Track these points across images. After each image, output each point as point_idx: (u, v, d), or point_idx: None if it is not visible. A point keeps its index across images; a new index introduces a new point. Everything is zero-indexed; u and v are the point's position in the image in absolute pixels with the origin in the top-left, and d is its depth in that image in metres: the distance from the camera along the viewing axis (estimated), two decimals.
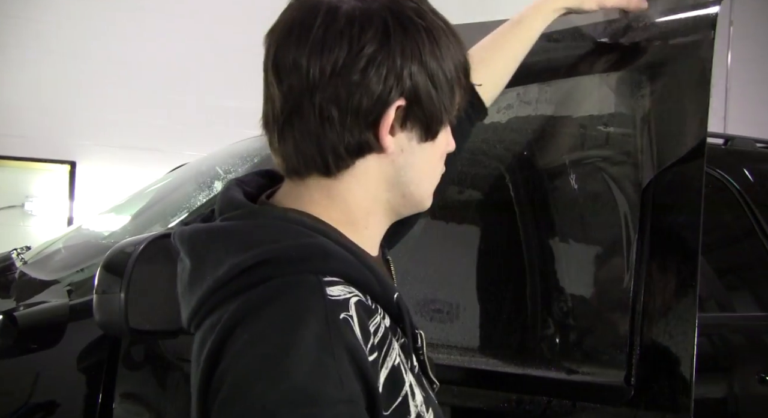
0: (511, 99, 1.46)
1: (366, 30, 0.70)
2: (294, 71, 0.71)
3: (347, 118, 0.71)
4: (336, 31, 0.70)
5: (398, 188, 0.78)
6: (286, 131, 0.73)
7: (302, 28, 0.71)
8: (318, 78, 0.70)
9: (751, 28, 6.79)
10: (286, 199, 0.78)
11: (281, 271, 0.68)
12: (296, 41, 0.71)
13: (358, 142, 0.72)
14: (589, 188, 1.39)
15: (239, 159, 2.18)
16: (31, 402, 1.52)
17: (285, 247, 0.69)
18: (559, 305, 1.44)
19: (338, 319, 0.65)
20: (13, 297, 2.02)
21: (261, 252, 0.68)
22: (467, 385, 1.25)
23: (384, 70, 0.70)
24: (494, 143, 1.56)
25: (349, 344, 0.65)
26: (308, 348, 0.62)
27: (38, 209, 5.23)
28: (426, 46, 0.73)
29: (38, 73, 5.16)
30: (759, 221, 1.79)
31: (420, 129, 0.75)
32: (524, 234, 1.53)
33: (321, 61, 0.70)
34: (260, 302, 0.66)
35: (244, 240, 0.70)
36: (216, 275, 0.69)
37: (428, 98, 0.74)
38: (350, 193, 0.76)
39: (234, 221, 0.73)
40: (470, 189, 1.65)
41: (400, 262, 1.43)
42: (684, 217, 1.10)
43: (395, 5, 0.72)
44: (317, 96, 0.70)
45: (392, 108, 0.72)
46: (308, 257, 0.69)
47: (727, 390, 1.64)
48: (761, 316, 1.77)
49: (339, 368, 0.63)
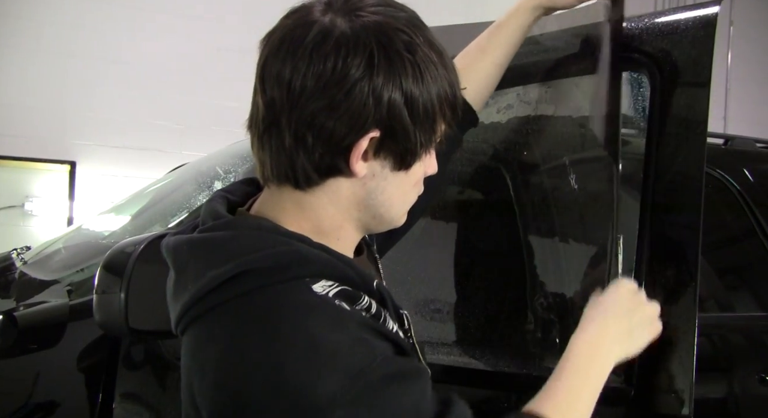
0: (511, 99, 1.46)
1: (352, 56, 0.70)
2: (277, 84, 0.72)
3: (319, 143, 0.72)
4: (324, 52, 0.70)
5: (369, 210, 0.79)
6: (265, 140, 0.75)
7: (292, 43, 0.72)
8: (298, 95, 0.71)
9: (751, 28, 6.79)
10: (263, 208, 0.80)
11: (264, 280, 0.70)
12: (284, 54, 0.72)
13: (328, 166, 0.74)
14: (589, 188, 1.39)
15: (239, 159, 2.18)
16: (31, 402, 1.52)
17: (263, 256, 0.71)
18: (559, 305, 1.44)
19: (334, 304, 0.70)
20: (13, 297, 2.02)
21: (240, 263, 0.70)
22: (467, 385, 1.25)
23: (362, 99, 0.70)
24: (494, 143, 1.56)
25: (358, 318, 0.71)
26: (331, 340, 0.66)
27: (38, 209, 5.22)
28: (409, 78, 0.72)
29: (38, 73, 5.16)
30: (759, 221, 1.79)
31: (393, 159, 0.76)
32: (523, 233, 1.53)
33: (303, 78, 0.70)
34: (259, 314, 0.69)
35: (222, 251, 0.72)
36: (197, 286, 0.72)
37: (404, 131, 0.73)
38: (321, 207, 0.77)
39: (212, 232, 0.76)
40: (470, 189, 1.65)
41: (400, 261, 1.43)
42: (684, 217, 1.10)
43: (385, 37, 0.72)
44: (294, 114, 0.71)
45: (366, 138, 0.72)
46: (287, 264, 0.71)
47: (727, 390, 1.64)
48: (761, 316, 1.77)
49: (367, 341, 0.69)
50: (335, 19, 0.72)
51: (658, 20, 1.23)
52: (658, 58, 1.21)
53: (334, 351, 0.66)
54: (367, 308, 0.74)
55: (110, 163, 5.36)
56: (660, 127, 1.17)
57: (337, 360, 0.65)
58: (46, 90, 5.18)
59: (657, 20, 1.24)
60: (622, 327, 0.90)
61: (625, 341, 0.90)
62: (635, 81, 1.29)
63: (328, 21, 0.72)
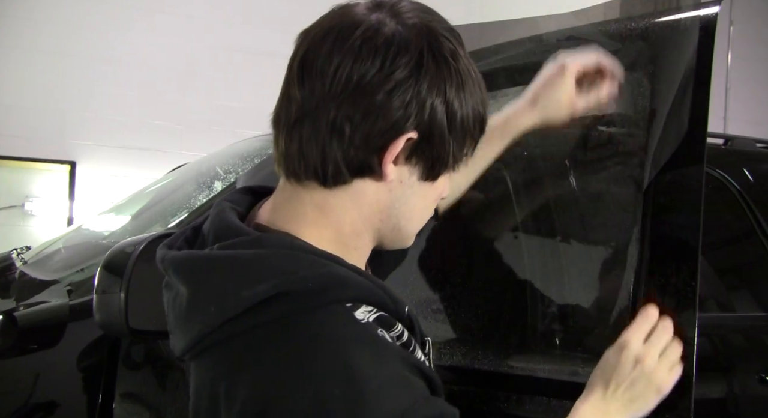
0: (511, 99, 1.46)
1: (401, 55, 0.70)
2: (319, 75, 0.70)
3: (356, 136, 0.70)
4: (372, 47, 0.69)
5: (390, 220, 0.77)
6: (295, 132, 0.72)
7: (340, 36, 0.71)
8: (341, 88, 0.69)
9: (751, 28, 6.78)
10: (277, 216, 0.76)
11: (302, 304, 0.67)
12: (330, 46, 0.71)
13: (361, 162, 0.72)
14: (590, 188, 1.39)
15: (239, 159, 2.18)
16: (31, 402, 1.52)
17: (301, 278, 0.68)
18: (559, 305, 1.44)
19: (377, 336, 0.68)
20: (13, 297, 2.02)
21: (277, 284, 0.67)
22: (467, 384, 1.25)
23: (406, 99, 0.70)
24: None
25: (398, 353, 0.68)
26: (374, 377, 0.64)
27: (38, 208, 5.22)
28: (453, 87, 0.72)
29: (38, 73, 5.16)
30: (759, 221, 1.79)
31: (423, 167, 0.75)
32: (524, 233, 1.53)
33: (349, 71, 0.69)
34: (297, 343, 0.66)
35: (255, 271, 0.68)
36: (224, 307, 0.67)
37: (440, 138, 0.73)
38: (344, 211, 0.75)
39: (239, 249, 0.71)
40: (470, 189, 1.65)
41: None
42: (684, 217, 1.10)
43: (435, 41, 0.72)
44: (334, 106, 0.70)
45: (403, 138, 0.71)
46: (327, 287, 0.68)
47: (727, 390, 1.64)
48: (761, 316, 1.77)
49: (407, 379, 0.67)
50: (384, 19, 0.71)
51: (659, 20, 1.23)
52: (658, 58, 1.21)
53: (378, 390, 0.63)
54: (400, 335, 0.72)
55: (110, 163, 5.36)
56: (660, 127, 1.17)
57: (380, 400, 0.63)
58: (46, 90, 5.18)
59: (657, 20, 1.24)
60: (624, 401, 0.90)
61: (629, 411, 0.90)
62: (635, 81, 1.29)
63: (375, 19, 0.71)
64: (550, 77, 1.12)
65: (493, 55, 1.45)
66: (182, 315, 0.72)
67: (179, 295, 0.72)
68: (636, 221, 1.15)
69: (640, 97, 1.24)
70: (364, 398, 0.62)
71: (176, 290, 0.73)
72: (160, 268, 0.76)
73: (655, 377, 0.91)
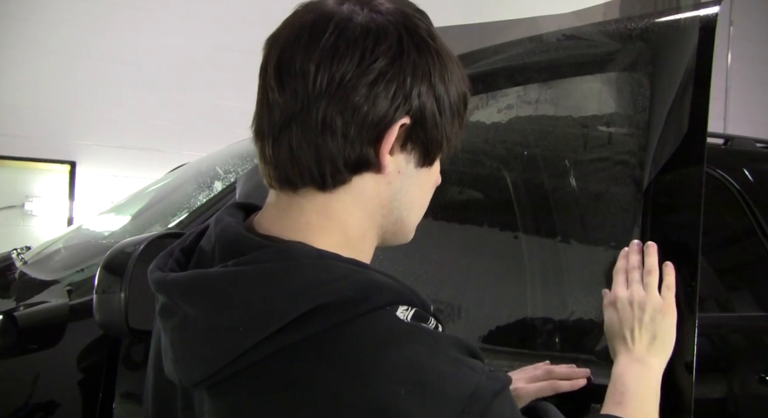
0: (511, 99, 1.46)
1: (380, 43, 0.68)
2: (300, 77, 0.68)
3: (350, 130, 0.68)
4: (349, 41, 0.68)
5: (392, 213, 0.75)
6: (283, 138, 0.69)
7: (312, 34, 0.69)
8: (325, 86, 0.67)
9: (751, 28, 6.79)
10: (282, 229, 0.72)
11: (345, 313, 0.64)
12: (305, 47, 0.68)
13: (358, 157, 0.70)
14: (590, 188, 1.39)
15: (239, 159, 2.18)
16: (31, 402, 1.52)
17: (340, 287, 0.65)
18: (559, 305, 1.44)
19: (424, 329, 0.67)
20: (13, 297, 2.02)
21: (316, 295, 0.64)
22: None
23: (393, 87, 0.68)
24: (495, 143, 1.56)
25: (447, 338, 0.67)
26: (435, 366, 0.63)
27: (38, 209, 5.22)
28: (436, 67, 0.71)
29: (38, 73, 5.16)
30: (759, 221, 1.79)
31: (419, 152, 0.74)
32: (524, 234, 1.53)
33: (330, 69, 0.67)
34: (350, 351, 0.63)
35: (287, 284, 0.65)
36: (256, 326, 0.63)
37: (432, 121, 0.72)
38: (348, 212, 0.72)
39: (262, 264, 0.67)
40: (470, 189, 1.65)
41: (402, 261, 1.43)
42: (684, 217, 1.10)
43: (410, 23, 0.71)
44: (322, 104, 0.68)
45: (396, 125, 0.69)
46: (368, 295, 0.66)
47: (727, 390, 1.64)
48: (761, 316, 1.77)
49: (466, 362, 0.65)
50: (354, 8, 0.70)
51: (659, 20, 1.23)
52: (658, 58, 1.21)
53: (443, 378, 0.62)
54: (435, 328, 0.71)
55: (110, 163, 5.36)
56: (660, 127, 1.17)
57: (446, 388, 0.62)
58: (46, 90, 5.18)
59: (657, 20, 1.24)
60: (646, 340, 0.93)
61: (656, 348, 0.93)
62: (635, 81, 1.29)
63: (347, 10, 0.70)
64: None
65: (493, 55, 1.45)
66: (198, 341, 0.66)
67: (189, 320, 0.67)
68: (636, 221, 1.15)
69: (640, 97, 1.24)
70: (431, 390, 0.61)
71: (182, 315, 0.68)
72: (156, 292, 0.71)
73: (655, 305, 0.96)
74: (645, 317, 0.96)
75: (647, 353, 0.94)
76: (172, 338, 0.69)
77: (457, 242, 1.62)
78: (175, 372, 0.69)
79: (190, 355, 0.67)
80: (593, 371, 1.20)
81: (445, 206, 1.58)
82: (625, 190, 1.25)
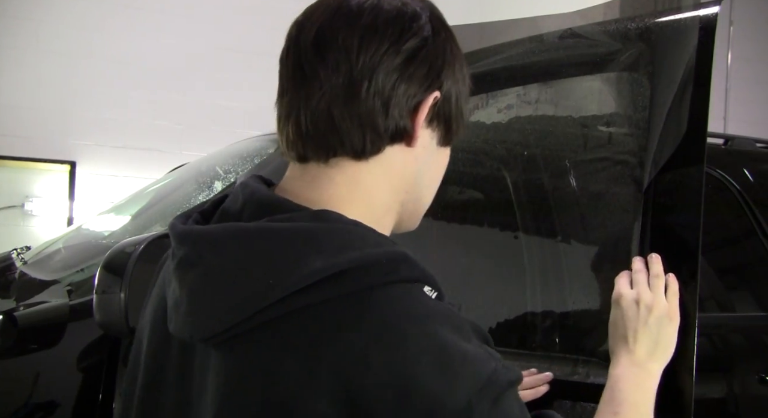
0: (511, 99, 1.47)
1: (415, 22, 0.73)
2: (343, 51, 0.71)
3: (392, 101, 0.71)
4: (387, 19, 0.72)
5: (414, 191, 0.78)
6: (323, 109, 0.71)
7: (350, 12, 0.72)
8: (368, 60, 0.70)
9: (751, 28, 6.79)
10: (310, 197, 0.73)
11: (381, 278, 0.65)
12: (347, 23, 0.72)
13: (396, 126, 0.72)
14: (590, 188, 1.39)
15: (239, 159, 2.19)
16: (31, 402, 1.52)
17: (376, 253, 0.66)
18: (559, 305, 1.44)
19: (451, 310, 0.68)
20: (13, 297, 2.02)
21: (355, 257, 0.65)
22: None
23: (428, 64, 0.73)
24: (495, 143, 1.56)
25: (470, 324, 0.69)
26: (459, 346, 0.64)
27: (38, 208, 5.22)
28: (455, 45, 0.77)
29: (38, 73, 5.16)
30: (759, 220, 1.79)
31: (442, 130, 0.77)
32: (524, 234, 1.53)
33: (373, 44, 0.71)
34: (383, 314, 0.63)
35: (328, 242, 0.65)
36: (290, 279, 0.63)
37: (456, 100, 0.76)
38: (376, 185, 0.74)
39: (296, 222, 0.67)
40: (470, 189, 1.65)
41: None
42: (684, 217, 1.10)
43: (434, 9, 0.76)
44: (366, 76, 0.70)
45: (431, 98, 0.73)
46: (399, 266, 0.67)
47: (727, 390, 1.64)
48: (761, 316, 1.77)
49: (485, 348, 0.67)
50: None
51: (659, 20, 1.23)
52: (658, 58, 1.21)
53: (464, 358, 0.63)
54: None
55: (110, 163, 5.36)
56: (660, 127, 1.17)
57: (467, 367, 0.63)
58: (46, 90, 5.18)
59: (657, 20, 1.24)
60: (648, 344, 0.93)
61: (657, 353, 0.93)
62: (635, 81, 1.29)
63: None
64: None
65: (493, 55, 1.45)
66: (221, 292, 0.65)
67: (214, 271, 0.66)
68: (636, 221, 1.15)
69: (640, 97, 1.24)
70: (453, 365, 0.62)
71: (206, 266, 0.67)
72: (178, 245, 0.70)
73: (661, 308, 0.95)
74: (651, 319, 0.95)
75: (648, 357, 0.94)
76: (191, 289, 0.68)
77: (457, 242, 1.62)
78: (187, 325, 0.68)
79: (210, 306, 0.66)
80: (593, 371, 1.20)
81: (446, 206, 1.59)
82: (625, 190, 1.25)
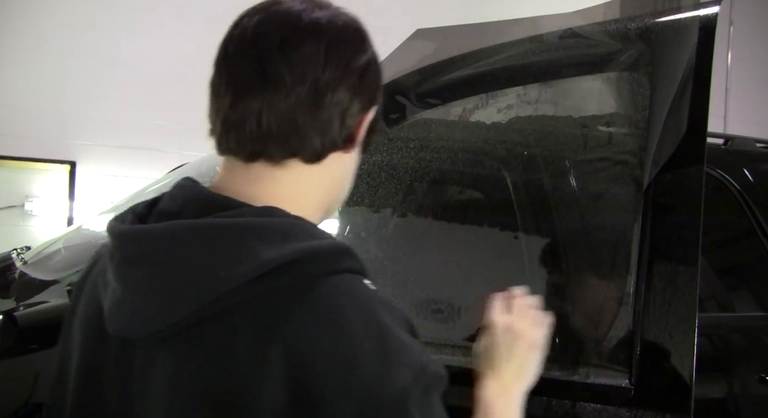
0: (511, 99, 1.47)
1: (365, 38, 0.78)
2: (308, 63, 0.72)
3: (351, 109, 0.75)
4: (347, 38, 0.75)
5: (340, 192, 0.82)
6: (286, 112, 0.72)
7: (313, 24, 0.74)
8: (332, 74, 0.73)
9: (751, 28, 6.79)
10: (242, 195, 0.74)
11: (326, 268, 0.68)
12: (311, 34, 0.73)
13: (348, 135, 0.76)
14: (590, 188, 1.39)
15: None
16: (31, 402, 1.52)
17: (321, 244, 0.69)
18: (559, 306, 1.44)
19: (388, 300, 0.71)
20: (13, 297, 2.02)
21: (304, 248, 0.68)
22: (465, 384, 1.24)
23: (374, 74, 0.78)
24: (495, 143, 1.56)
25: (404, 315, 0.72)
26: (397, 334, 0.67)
27: (38, 208, 5.22)
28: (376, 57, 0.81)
29: (38, 73, 5.16)
30: (759, 220, 1.79)
31: (367, 138, 0.80)
32: (524, 234, 1.53)
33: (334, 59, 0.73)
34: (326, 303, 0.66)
35: (276, 234, 0.68)
36: (241, 270, 0.65)
37: (379, 104, 0.80)
38: (314, 187, 0.77)
39: (242, 218, 0.69)
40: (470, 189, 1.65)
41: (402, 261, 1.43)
42: (684, 217, 1.10)
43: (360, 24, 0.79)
44: (330, 88, 0.73)
45: (374, 107, 0.78)
46: (344, 257, 0.71)
47: (727, 390, 1.64)
48: (761, 316, 1.77)
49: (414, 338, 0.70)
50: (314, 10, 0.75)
51: (659, 20, 1.23)
52: (658, 58, 1.21)
53: (402, 345, 0.67)
54: None
55: (110, 163, 5.36)
56: (660, 127, 1.17)
57: (403, 354, 0.66)
58: (46, 90, 5.18)
59: (657, 20, 1.24)
60: (514, 370, 0.96)
61: (521, 378, 0.96)
62: (635, 81, 1.29)
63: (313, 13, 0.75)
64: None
65: (493, 55, 1.45)
66: (170, 285, 0.67)
67: (160, 265, 0.68)
68: (636, 221, 1.15)
69: (640, 97, 1.24)
70: (391, 351, 0.65)
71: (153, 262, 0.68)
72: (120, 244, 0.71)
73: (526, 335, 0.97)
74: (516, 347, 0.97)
75: (514, 382, 0.96)
76: (137, 286, 0.69)
77: (457, 242, 1.62)
78: (132, 322, 0.69)
79: (160, 300, 0.67)
80: (593, 371, 1.20)
81: (446, 206, 1.59)
82: (625, 190, 1.25)
